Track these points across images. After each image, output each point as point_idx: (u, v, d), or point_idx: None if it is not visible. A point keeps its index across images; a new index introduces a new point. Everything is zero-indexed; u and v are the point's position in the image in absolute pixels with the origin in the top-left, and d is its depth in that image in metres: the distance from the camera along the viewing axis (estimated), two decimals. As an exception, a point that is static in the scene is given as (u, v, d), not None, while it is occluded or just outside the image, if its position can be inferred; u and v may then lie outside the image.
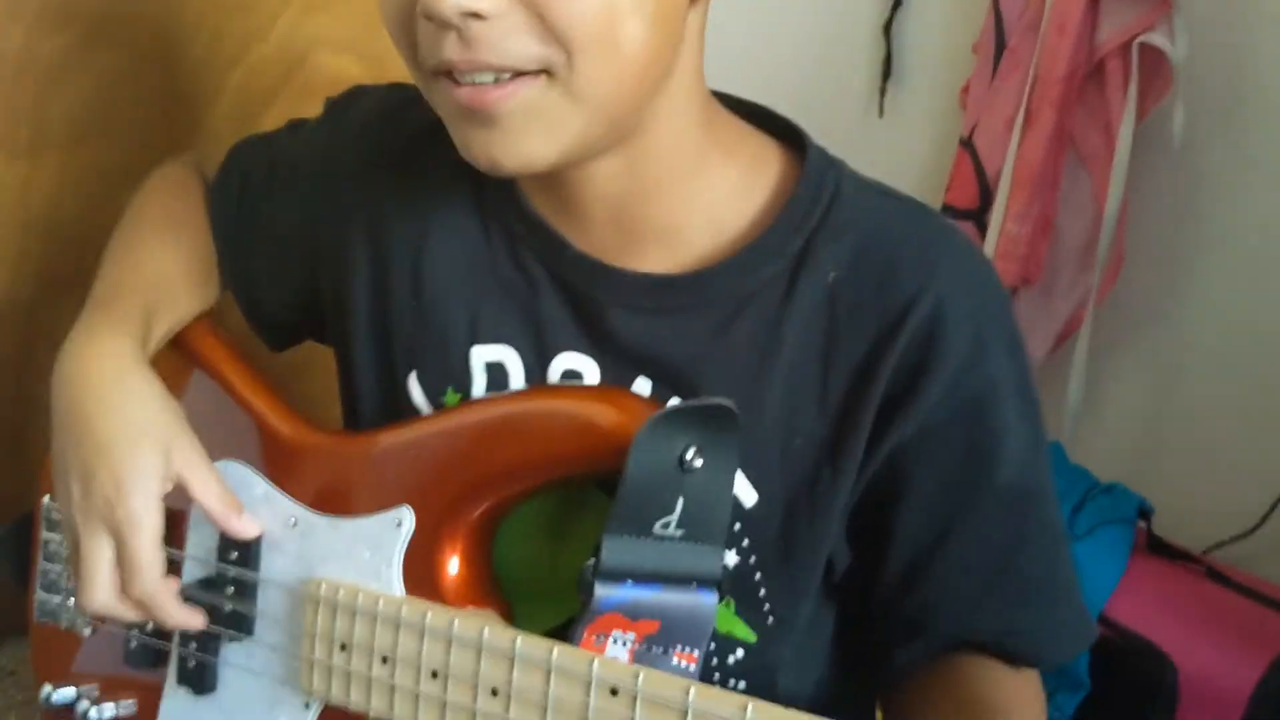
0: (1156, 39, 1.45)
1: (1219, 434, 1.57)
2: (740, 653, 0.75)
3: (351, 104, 0.90)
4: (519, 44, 0.63)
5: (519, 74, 0.65)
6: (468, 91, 0.65)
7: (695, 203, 0.75)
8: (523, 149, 0.67)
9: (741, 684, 0.75)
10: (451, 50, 0.64)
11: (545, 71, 0.65)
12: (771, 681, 0.76)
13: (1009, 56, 1.57)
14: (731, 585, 0.72)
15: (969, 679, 0.75)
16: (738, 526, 0.72)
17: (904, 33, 1.73)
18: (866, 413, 0.71)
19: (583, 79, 0.65)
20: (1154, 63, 1.48)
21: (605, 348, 0.76)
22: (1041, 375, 1.61)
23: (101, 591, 0.75)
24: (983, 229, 1.59)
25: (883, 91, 1.74)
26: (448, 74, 0.66)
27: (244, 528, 0.79)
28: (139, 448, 0.76)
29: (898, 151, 1.74)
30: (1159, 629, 1.30)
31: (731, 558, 0.73)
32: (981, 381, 0.71)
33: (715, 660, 0.73)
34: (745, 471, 0.71)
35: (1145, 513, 1.45)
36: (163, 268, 0.88)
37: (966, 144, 1.61)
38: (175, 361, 0.89)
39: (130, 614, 0.77)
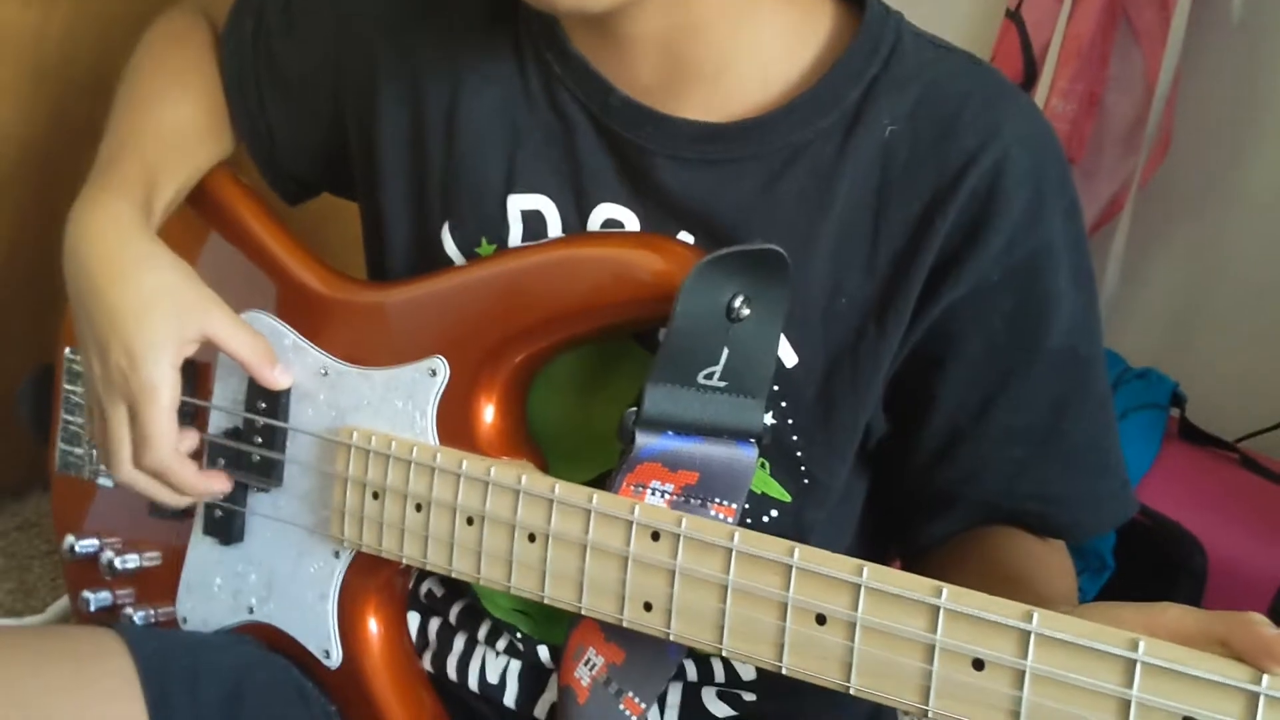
0: None
1: (1256, 323, 1.57)
2: (775, 513, 0.76)
3: None
4: None
5: None
6: None
7: (746, 45, 0.73)
8: None
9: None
10: None
11: None
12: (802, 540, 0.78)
13: None
14: (768, 447, 0.72)
15: (998, 550, 0.76)
16: (776, 388, 0.72)
17: (952, -104, 1.69)
18: (918, 272, 0.71)
19: None
20: None
21: (646, 199, 0.75)
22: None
23: (122, 463, 0.78)
24: (1027, 104, 1.57)
25: (928, -42, 1.70)
26: None
27: (278, 377, 0.80)
28: (149, 317, 0.77)
29: (941, 22, 1.68)
30: (1189, 513, 1.32)
31: (769, 419, 0.73)
32: (1037, 244, 0.71)
33: (749, 521, 0.74)
34: (786, 332, 0.71)
35: (1179, 399, 1.46)
36: (166, 125, 0.87)
37: (1013, 15, 1.59)
38: (197, 214, 0.89)
39: (149, 485, 0.79)
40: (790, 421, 0.74)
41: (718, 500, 0.68)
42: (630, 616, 0.62)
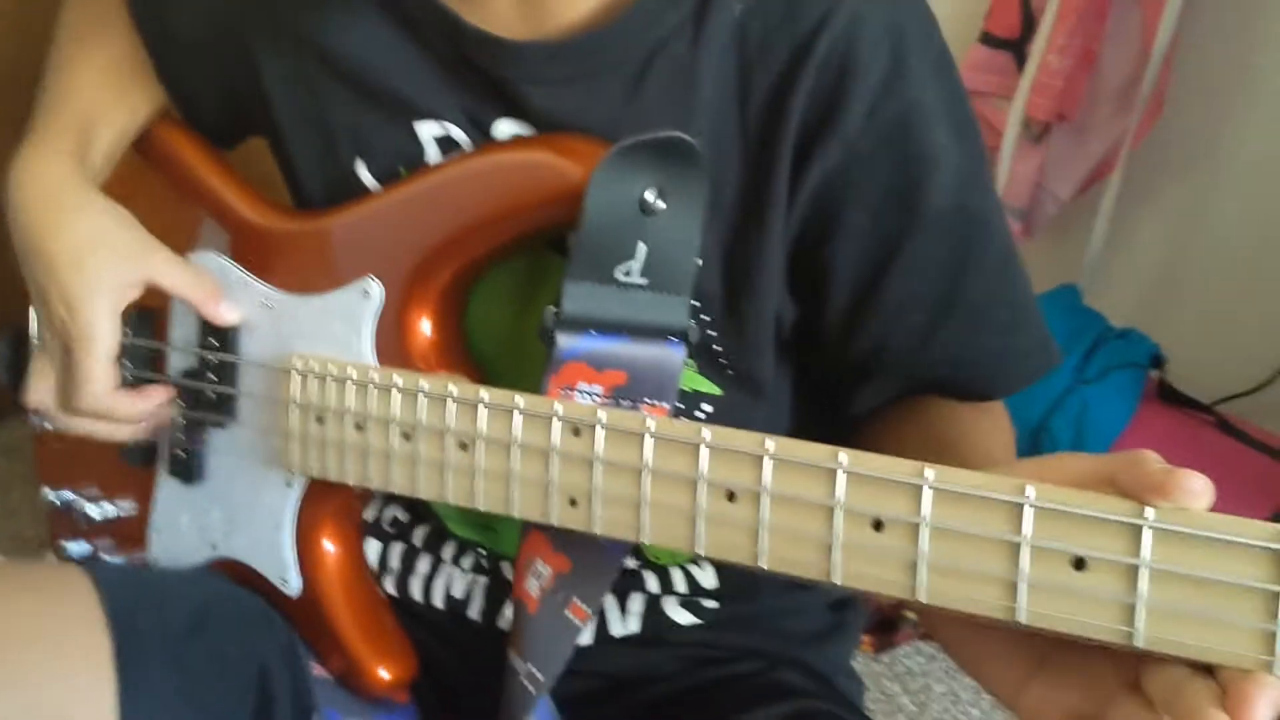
0: None
1: (1238, 288, 1.58)
2: (708, 408, 0.77)
3: None
4: None
5: None
6: None
7: None
8: None
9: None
10: None
11: None
12: None
13: None
14: (692, 345, 0.72)
15: (926, 418, 0.77)
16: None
17: None
18: (783, 148, 0.70)
19: None
20: None
21: (532, 116, 0.75)
22: (1066, 216, 1.62)
23: (65, 406, 0.82)
24: (1021, 60, 1.58)
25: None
26: None
27: (224, 312, 0.82)
28: (85, 264, 0.79)
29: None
30: None
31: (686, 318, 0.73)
32: (904, 103, 0.70)
33: (684, 415, 0.75)
34: None
35: (1158, 360, 1.46)
36: (94, 74, 0.89)
37: (1011, -31, 1.59)
38: (143, 160, 0.92)
39: (84, 424, 0.83)
40: (705, 318, 0.75)
41: (648, 401, 0.68)
42: (558, 515, 0.63)
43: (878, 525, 0.51)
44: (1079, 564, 0.47)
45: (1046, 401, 1.36)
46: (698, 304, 0.73)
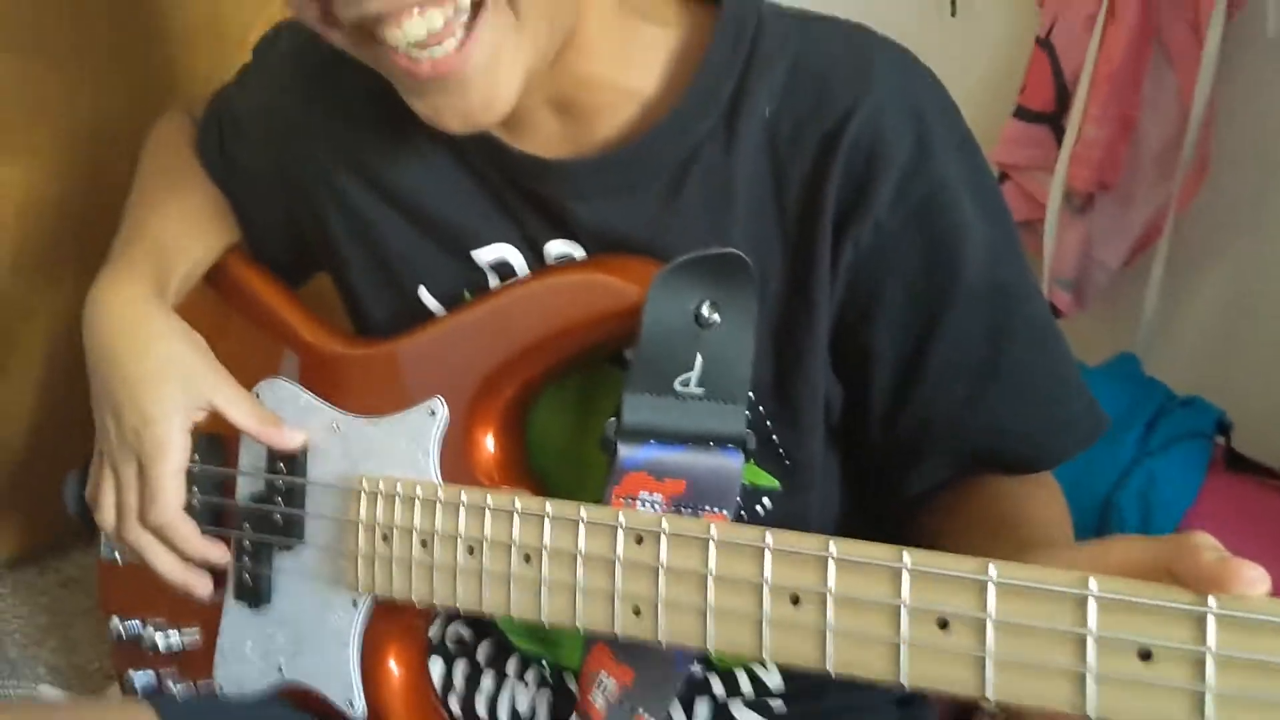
0: None
1: (1300, 348, 1.56)
2: (768, 503, 0.80)
3: (271, 49, 0.95)
4: None
5: (468, 14, 0.67)
6: (429, 65, 0.68)
7: (622, 78, 0.77)
8: (497, 94, 0.70)
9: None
10: (376, 2, 0.66)
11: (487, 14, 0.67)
12: (800, 526, 0.79)
13: None
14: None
15: (981, 498, 0.78)
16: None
17: (977, -71, 1.73)
18: (823, 234, 0.73)
19: (523, 4, 0.67)
20: None
21: (580, 232, 0.79)
22: (1118, 285, 1.61)
23: (129, 520, 0.85)
24: (1059, 132, 1.59)
25: (954, -8, 1.74)
26: (375, 34, 0.68)
27: (285, 439, 0.86)
28: (161, 381, 0.84)
29: (971, 51, 1.73)
30: (1238, 545, 1.27)
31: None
32: (930, 182, 0.73)
33: (745, 516, 0.77)
34: None
35: (1224, 427, 1.45)
36: (172, 217, 0.95)
37: (1044, 43, 1.61)
38: (215, 293, 0.97)
39: (151, 546, 0.86)
40: (761, 409, 0.78)
41: (708, 508, 0.70)
42: (623, 625, 0.65)
43: (943, 624, 0.52)
44: (1145, 655, 0.48)
45: (1111, 476, 1.35)
46: (752, 393, 0.75)
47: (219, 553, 0.87)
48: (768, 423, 0.78)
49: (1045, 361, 0.78)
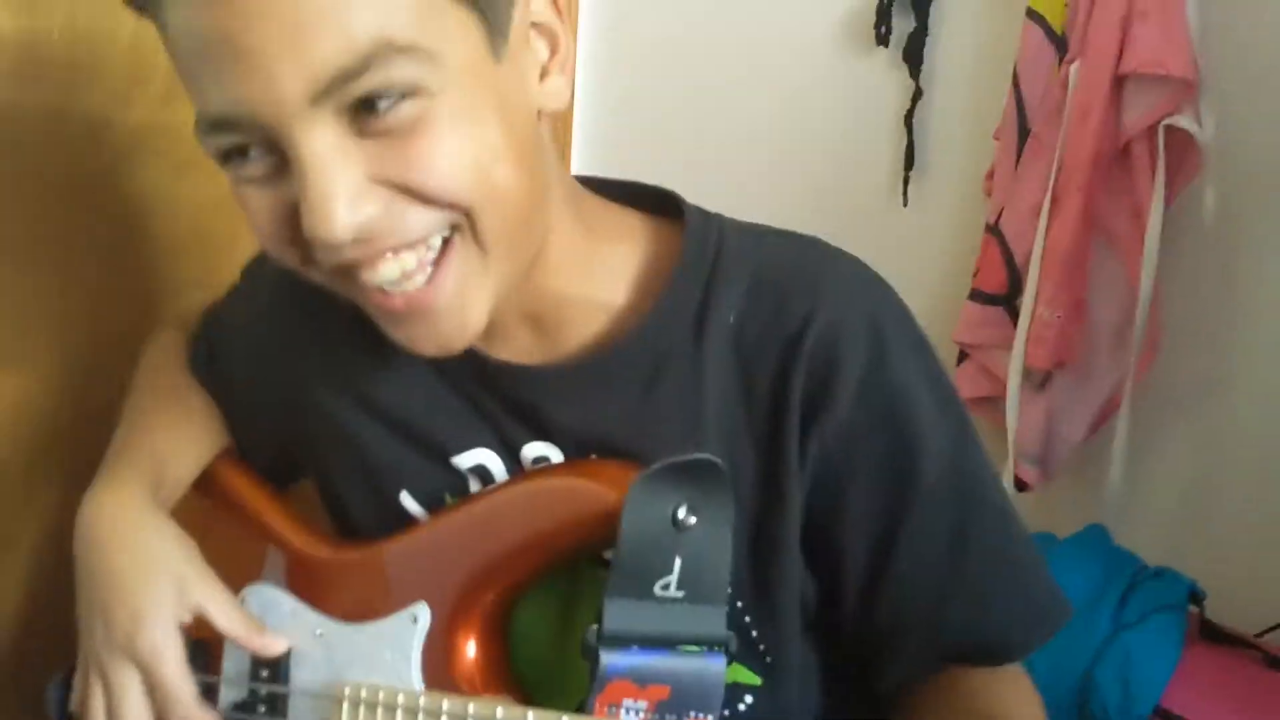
0: (1182, 122, 1.48)
1: (1270, 511, 1.58)
2: (749, 699, 0.80)
3: (258, 273, 1.00)
4: (416, 219, 0.69)
5: (437, 251, 0.71)
6: (402, 299, 0.72)
7: (591, 292, 0.82)
8: (467, 320, 0.74)
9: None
10: (352, 250, 0.69)
11: (453, 233, 0.71)
12: (784, 718, 0.81)
13: (1032, 143, 1.61)
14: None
15: (956, 692, 0.79)
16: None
17: (925, 121, 1.79)
18: (790, 430, 0.77)
19: (486, 228, 0.71)
20: (1181, 144, 1.51)
21: (556, 435, 0.82)
22: (1081, 458, 1.64)
23: None
24: (1014, 313, 1.63)
25: (906, 181, 1.79)
26: (351, 276, 0.72)
27: (268, 645, 0.86)
28: (151, 581, 0.83)
29: (923, 239, 1.79)
30: (1219, 716, 1.30)
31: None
32: (888, 387, 0.77)
33: (726, 712, 0.78)
34: None
35: (1197, 597, 1.45)
36: (164, 426, 0.97)
37: (993, 230, 1.66)
38: (203, 500, 0.98)
39: None
40: (739, 604, 0.79)
41: (693, 714, 0.70)
42: None
43: None
44: None
45: (1089, 653, 1.34)
46: (730, 590, 0.76)
47: None
48: (746, 618, 0.79)
49: (1009, 552, 0.80)
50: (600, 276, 0.82)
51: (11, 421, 1.14)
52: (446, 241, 0.71)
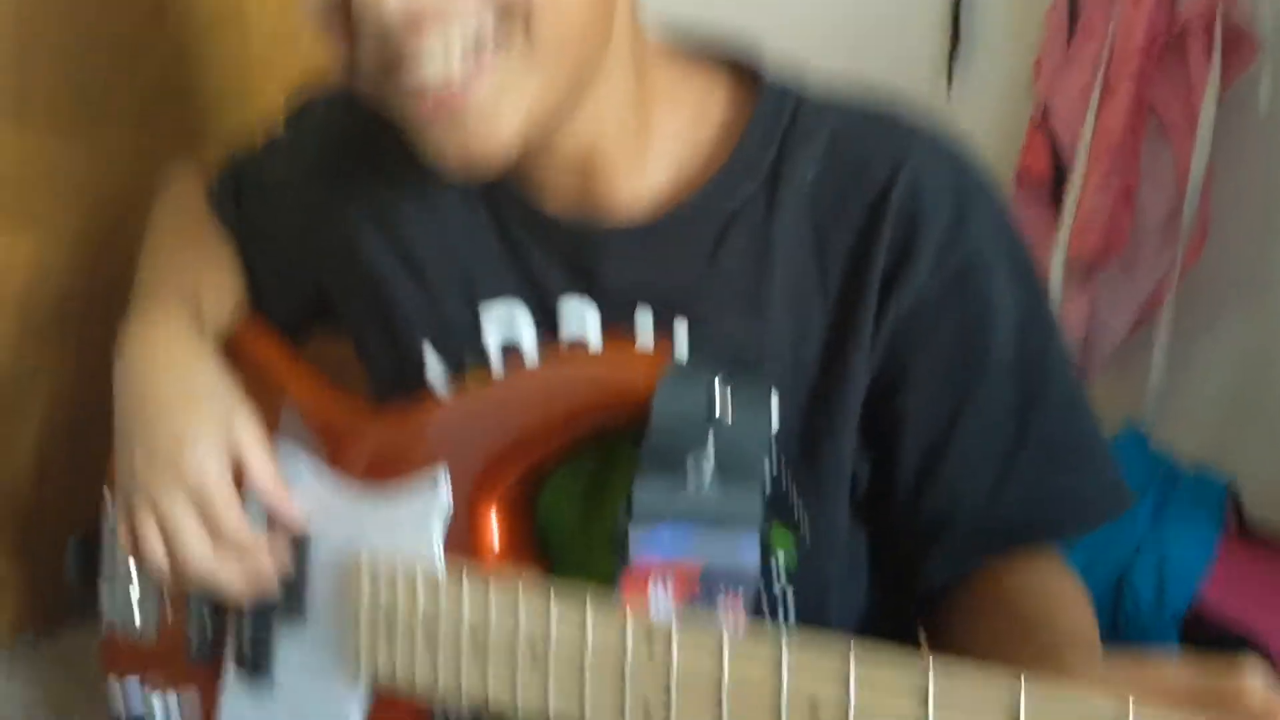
0: (1240, 9, 1.45)
1: (1309, 411, 1.55)
2: (784, 561, 0.76)
3: (304, 116, 0.94)
4: (467, 6, 0.66)
5: (483, 43, 0.67)
6: (432, 100, 0.68)
7: (655, 144, 0.78)
8: (497, 131, 0.69)
9: (790, 595, 0.77)
10: (400, 35, 0.66)
11: (501, 24, 0.67)
12: (821, 598, 0.78)
13: (1084, 27, 1.57)
14: (768, 500, 0.72)
15: (1000, 594, 0.76)
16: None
17: (972, 5, 1.75)
18: (868, 301, 0.73)
19: (540, 19, 0.66)
20: (1237, 32, 1.48)
21: (601, 293, 0.78)
22: (1123, 355, 1.61)
23: (198, 546, 0.77)
24: (1058, 203, 1.59)
25: (951, 66, 1.75)
26: (393, 78, 0.68)
27: (291, 515, 0.81)
28: (196, 409, 0.79)
29: (968, 126, 1.73)
30: (1252, 615, 1.29)
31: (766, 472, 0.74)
32: (966, 252, 0.73)
33: (761, 576, 0.73)
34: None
35: (1235, 496, 1.43)
36: (195, 267, 0.93)
37: (1040, 116, 1.62)
38: (222, 352, 0.92)
39: (230, 573, 0.79)
40: (785, 473, 0.75)
41: (725, 593, 0.67)
42: (631, 727, 0.61)
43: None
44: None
45: (1124, 551, 1.32)
46: (777, 459, 0.73)
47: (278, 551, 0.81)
48: (791, 490, 0.76)
49: (1073, 431, 0.76)
50: (664, 129, 0.78)
51: (24, 287, 1.11)
52: (494, 38, 0.67)
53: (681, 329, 0.76)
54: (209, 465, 0.77)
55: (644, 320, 0.77)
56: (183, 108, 1.22)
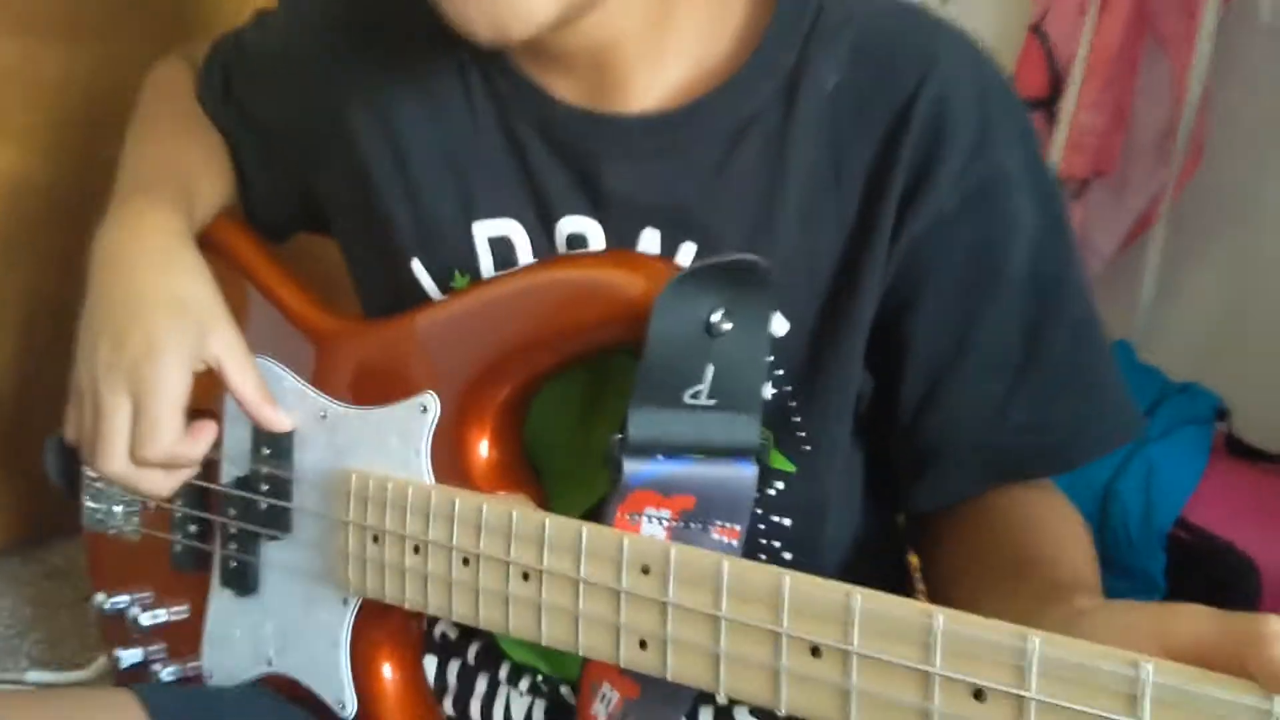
0: None
1: (1298, 330, 1.54)
2: (780, 485, 0.75)
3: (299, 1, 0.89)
4: None
5: None
6: None
7: (672, 40, 0.74)
8: (531, 6, 0.65)
9: (787, 521, 0.75)
10: None
11: None
12: (817, 523, 0.76)
13: None
14: (770, 417, 0.70)
15: (996, 524, 0.74)
16: (770, 358, 0.71)
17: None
18: (885, 214, 0.70)
19: None
20: None
21: (606, 204, 0.75)
22: (1113, 272, 1.59)
23: (121, 456, 0.75)
24: (1052, 118, 1.56)
25: (946, -24, 1.70)
26: None
27: (276, 419, 0.79)
28: (175, 314, 0.76)
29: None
30: (1239, 530, 1.29)
31: (767, 390, 0.72)
32: (989, 169, 0.70)
33: (757, 493, 0.71)
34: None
35: (1223, 412, 1.43)
36: (187, 158, 0.88)
37: (1037, 30, 1.58)
38: (212, 265, 0.88)
39: (151, 479, 0.77)
40: (787, 389, 0.73)
41: (719, 523, 0.66)
42: (627, 656, 0.59)
43: (979, 695, 0.47)
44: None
45: (1112, 464, 1.32)
46: (781, 372, 0.72)
47: (209, 434, 0.78)
48: (792, 403, 0.73)
49: (1083, 356, 0.74)
50: (682, 25, 0.74)
51: (10, 196, 1.09)
52: None
53: (688, 251, 0.73)
54: (169, 379, 0.74)
55: (649, 242, 0.74)
56: (153, 15, 1.18)
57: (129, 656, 0.92)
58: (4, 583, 1.19)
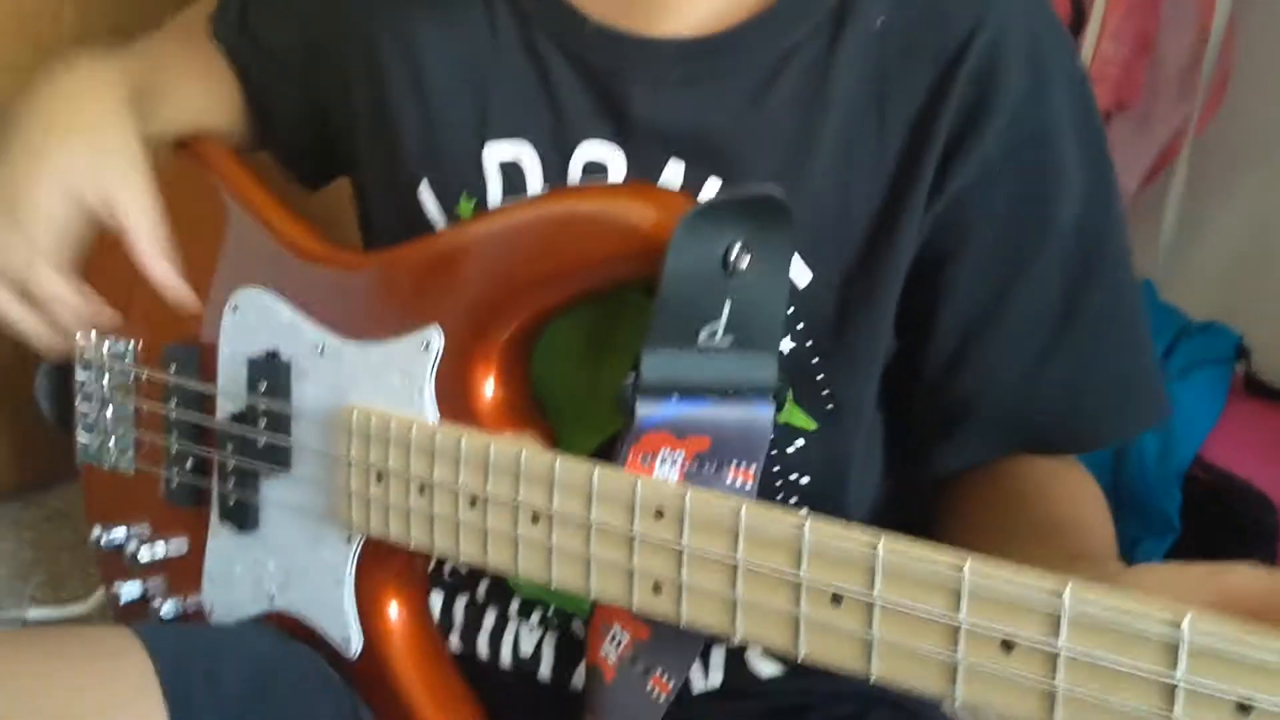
0: None
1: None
2: (800, 442, 0.73)
3: None
4: None
5: None
6: None
7: None
8: None
9: (805, 479, 0.73)
10: None
11: None
12: (838, 481, 0.74)
13: None
14: (788, 371, 0.68)
15: (1010, 480, 0.72)
16: (791, 310, 0.69)
17: None
18: (928, 165, 0.67)
19: None
20: None
21: (630, 131, 0.72)
22: (1134, 208, 1.56)
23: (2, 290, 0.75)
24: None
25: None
26: None
27: (175, 284, 0.77)
28: (69, 140, 0.74)
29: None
30: (1258, 470, 1.28)
31: (787, 343, 0.69)
32: (1040, 119, 0.68)
33: (774, 453, 0.70)
34: (797, 249, 0.68)
35: (1243, 352, 1.41)
36: (174, 65, 0.87)
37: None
38: (198, 184, 0.87)
39: (32, 323, 0.76)
40: (810, 343, 0.71)
41: (735, 464, 0.63)
42: (640, 601, 0.58)
43: (1007, 646, 0.45)
44: (1244, 708, 0.40)
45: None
46: (803, 325, 0.70)
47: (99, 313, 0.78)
48: (815, 359, 0.71)
49: (1119, 331, 0.72)
50: None
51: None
52: None
53: (712, 188, 0.70)
54: (48, 209, 0.73)
55: (673, 174, 0.71)
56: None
57: (128, 591, 0.90)
58: (5, 526, 1.18)
